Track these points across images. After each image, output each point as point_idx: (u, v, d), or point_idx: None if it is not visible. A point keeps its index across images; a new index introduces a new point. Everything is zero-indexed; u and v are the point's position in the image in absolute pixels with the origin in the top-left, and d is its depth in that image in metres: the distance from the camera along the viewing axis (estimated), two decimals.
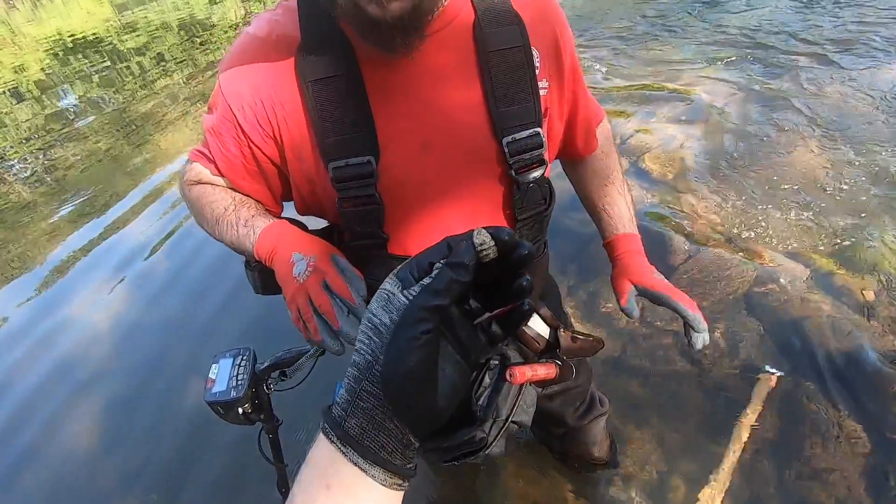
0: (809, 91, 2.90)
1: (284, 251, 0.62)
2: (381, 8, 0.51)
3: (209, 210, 0.71)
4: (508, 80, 0.64)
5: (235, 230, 0.68)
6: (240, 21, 8.07)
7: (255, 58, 0.63)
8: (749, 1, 4.30)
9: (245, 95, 0.63)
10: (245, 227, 0.67)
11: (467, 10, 0.62)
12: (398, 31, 0.53)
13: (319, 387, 1.71)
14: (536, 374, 0.89)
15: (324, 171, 0.64)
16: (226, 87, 0.64)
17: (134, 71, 6.90)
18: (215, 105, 0.67)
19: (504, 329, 0.37)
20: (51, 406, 2.08)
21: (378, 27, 0.53)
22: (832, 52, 3.26)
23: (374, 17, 0.52)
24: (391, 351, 0.31)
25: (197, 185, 0.74)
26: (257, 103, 0.62)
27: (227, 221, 0.69)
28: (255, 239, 0.65)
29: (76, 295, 2.71)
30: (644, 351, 1.67)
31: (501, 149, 0.65)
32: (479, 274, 0.32)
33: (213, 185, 0.73)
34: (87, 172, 4.21)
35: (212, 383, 0.83)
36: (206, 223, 0.73)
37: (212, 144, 0.69)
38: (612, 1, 5.03)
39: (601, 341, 0.97)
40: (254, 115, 0.63)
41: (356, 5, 0.51)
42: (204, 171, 0.73)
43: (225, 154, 0.68)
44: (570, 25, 0.72)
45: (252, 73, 0.62)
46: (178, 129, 4.56)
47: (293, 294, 0.60)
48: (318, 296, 0.58)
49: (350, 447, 0.33)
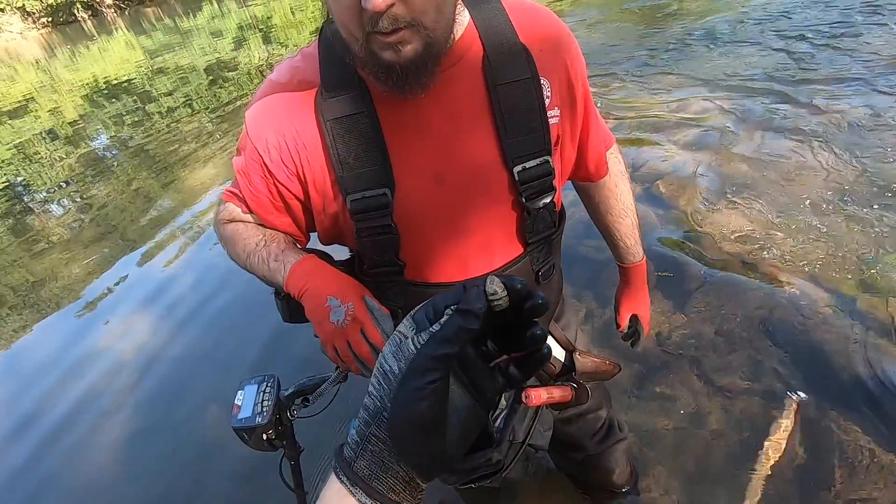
0: (821, 116, 2.90)
1: (316, 291, 0.68)
2: (396, 54, 0.55)
3: (241, 245, 0.77)
4: (517, 112, 0.67)
5: (267, 264, 0.74)
6: (262, 63, 8.44)
7: (279, 102, 0.68)
8: (757, 33, 4.36)
9: (270, 138, 0.68)
10: (276, 261, 0.73)
11: (476, 46, 0.66)
12: (412, 73, 0.58)
13: (338, 415, 1.74)
14: (552, 397, 0.90)
15: (343, 203, 0.68)
16: (252, 130, 0.69)
17: (162, 112, 7.24)
18: (243, 147, 0.72)
19: (522, 371, 0.36)
20: (74, 435, 2.14)
21: (393, 71, 0.57)
22: (844, 77, 3.27)
23: (389, 62, 0.56)
24: (398, 400, 0.32)
25: (230, 224, 0.81)
26: (282, 145, 0.67)
27: (259, 256, 0.74)
28: (286, 274, 0.71)
29: (105, 327, 2.81)
30: (663, 378, 1.65)
31: (512, 178, 0.69)
32: (494, 318, 0.32)
33: (245, 223, 0.79)
34: (116, 209, 4.39)
35: (238, 409, 0.86)
36: (238, 258, 0.79)
37: (242, 185, 0.74)
38: (624, 33, 5.16)
39: (617, 365, 0.98)
40: (279, 156, 0.68)
41: (371, 52, 0.56)
42: (236, 209, 0.79)
43: (254, 193, 0.73)
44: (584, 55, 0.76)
45: (276, 117, 0.68)
46: (202, 166, 4.74)
47: (331, 337, 0.68)
48: (359, 345, 0.67)
49: (359, 488, 0.34)
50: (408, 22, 0.53)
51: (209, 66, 9.46)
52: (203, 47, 11.86)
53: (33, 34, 34.42)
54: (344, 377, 0.88)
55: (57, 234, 4.23)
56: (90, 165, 5.75)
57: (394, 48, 0.55)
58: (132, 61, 12.70)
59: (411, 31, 0.54)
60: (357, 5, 0.52)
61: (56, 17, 35.37)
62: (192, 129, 5.98)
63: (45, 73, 14.68)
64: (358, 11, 0.52)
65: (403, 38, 0.54)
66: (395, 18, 0.52)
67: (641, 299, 1.07)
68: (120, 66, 12.49)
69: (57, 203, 5.03)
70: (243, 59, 9.25)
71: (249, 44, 10.80)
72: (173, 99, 7.78)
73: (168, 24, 20.16)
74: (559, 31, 0.71)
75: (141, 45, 15.88)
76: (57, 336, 2.87)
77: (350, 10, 0.53)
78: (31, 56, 21.27)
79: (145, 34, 18.62)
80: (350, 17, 0.54)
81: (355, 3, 0.52)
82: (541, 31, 0.69)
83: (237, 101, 6.65)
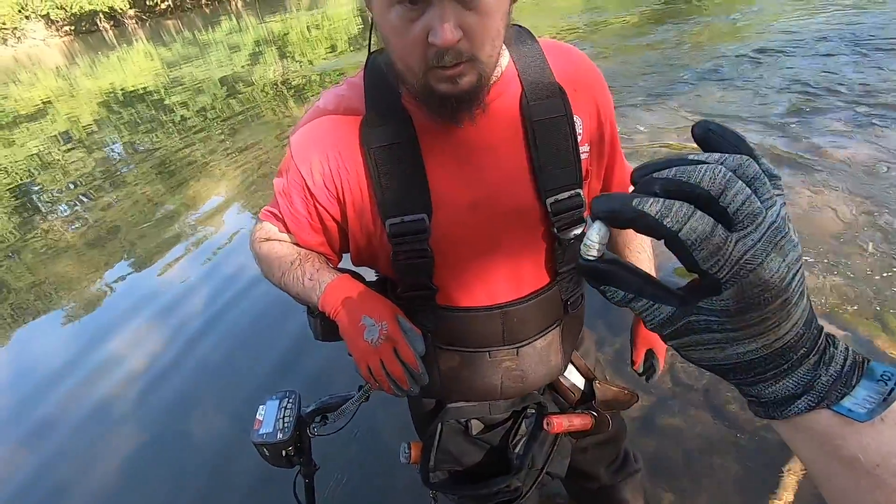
0: (833, 153, 2.93)
1: (351, 310, 0.70)
2: (453, 86, 0.58)
3: (277, 264, 0.78)
4: (551, 148, 0.70)
5: (301, 283, 0.75)
6: (277, 78, 8.60)
7: (325, 128, 0.70)
8: (766, 68, 4.43)
9: (314, 162, 0.70)
10: (310, 280, 0.74)
11: (515, 85, 0.70)
12: (465, 103, 0.61)
13: (353, 435, 1.74)
14: (573, 425, 0.91)
15: (381, 227, 0.70)
16: (297, 154, 0.71)
17: (176, 121, 7.37)
18: (286, 169, 0.74)
19: None
20: (84, 444, 2.13)
21: (447, 102, 0.60)
22: (858, 115, 3.31)
23: (445, 93, 0.59)
24: None
25: (266, 242, 0.82)
26: (325, 169, 0.70)
27: (294, 275, 0.76)
28: (321, 293, 0.72)
29: (118, 337, 2.81)
30: (676, 409, 1.64)
31: (545, 209, 0.71)
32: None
33: (281, 242, 0.81)
34: (128, 217, 4.43)
35: (259, 424, 0.87)
36: (273, 276, 0.80)
37: (282, 205, 0.76)
38: (641, 64, 5.24)
39: (636, 395, 0.98)
40: (322, 180, 0.70)
41: (428, 85, 0.59)
42: (272, 228, 0.81)
43: (293, 213, 0.75)
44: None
45: (321, 142, 0.70)
46: (220, 179, 4.80)
47: (365, 356, 0.69)
48: (392, 364, 0.69)
49: None
50: (468, 56, 0.56)
51: (225, 78, 9.65)
52: (220, 60, 12.10)
53: (56, 41, 35.24)
54: (366, 397, 0.89)
55: (71, 241, 4.27)
56: (103, 172, 5.83)
57: (452, 81, 0.58)
58: (150, 71, 12.97)
59: (469, 65, 0.57)
60: (423, 41, 0.54)
61: (79, 25, 36.24)
62: (203, 138, 6.07)
63: (64, 80, 15.00)
64: (423, 46, 0.55)
65: (462, 72, 0.57)
66: (459, 53, 0.55)
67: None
68: (138, 75, 12.75)
69: (69, 208, 5.08)
70: (258, 73, 9.43)
71: (265, 58, 11.02)
72: (187, 109, 7.92)
73: (187, 36, 20.62)
74: (592, 74, 0.75)
75: (160, 55, 16.23)
76: (72, 344, 2.87)
77: (415, 45, 0.55)
78: (53, 63, 21.76)
79: (164, 45, 19.04)
80: (413, 52, 0.56)
81: (421, 38, 0.54)
82: (575, 73, 0.73)
83: (249, 113, 6.76)
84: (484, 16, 0.55)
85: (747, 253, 0.26)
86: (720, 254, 0.26)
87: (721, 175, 0.26)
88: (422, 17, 0.54)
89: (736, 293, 0.27)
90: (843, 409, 0.28)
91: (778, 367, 0.29)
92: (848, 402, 0.28)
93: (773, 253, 0.26)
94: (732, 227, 0.26)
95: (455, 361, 0.82)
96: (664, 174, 0.28)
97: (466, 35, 0.55)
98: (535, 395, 0.90)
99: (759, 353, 0.29)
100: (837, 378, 0.29)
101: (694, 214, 0.26)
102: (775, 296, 0.27)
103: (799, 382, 0.29)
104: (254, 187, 4.38)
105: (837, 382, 0.29)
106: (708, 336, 0.29)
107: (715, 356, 0.30)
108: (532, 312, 0.78)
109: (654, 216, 0.26)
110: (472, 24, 0.55)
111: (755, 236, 0.26)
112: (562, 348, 0.85)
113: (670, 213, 0.26)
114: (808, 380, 0.29)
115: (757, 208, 0.26)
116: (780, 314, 0.28)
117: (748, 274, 0.26)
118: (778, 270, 0.27)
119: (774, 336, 0.28)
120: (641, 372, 1.11)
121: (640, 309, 0.31)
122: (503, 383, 0.83)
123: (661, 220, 0.26)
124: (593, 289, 0.32)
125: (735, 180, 0.26)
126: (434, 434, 0.91)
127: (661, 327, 0.31)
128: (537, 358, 0.82)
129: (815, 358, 0.29)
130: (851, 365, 0.29)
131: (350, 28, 12.27)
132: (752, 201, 0.26)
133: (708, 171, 0.26)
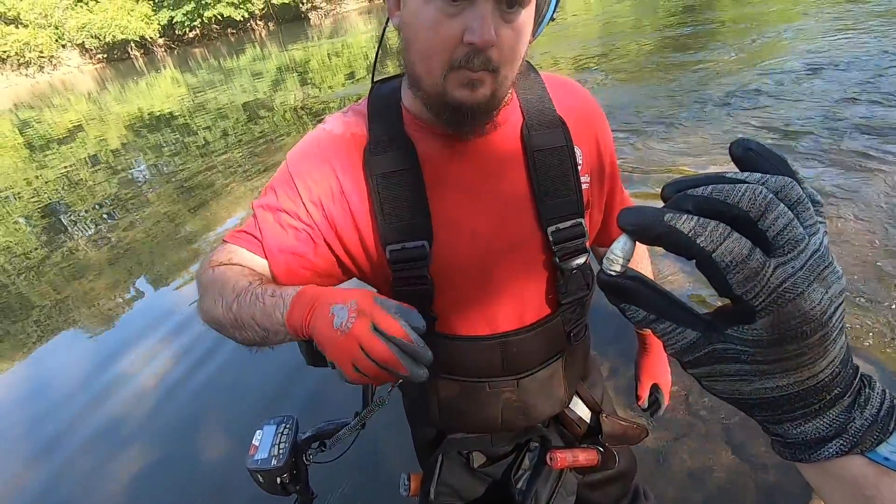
0: (845, 180, 2.87)
1: (320, 309, 0.54)
2: (472, 92, 0.59)
3: (230, 286, 0.64)
4: (552, 177, 0.70)
5: (261, 301, 0.60)
6: (298, 104, 8.83)
7: (329, 149, 0.70)
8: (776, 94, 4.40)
9: (315, 177, 0.68)
10: (272, 297, 0.59)
11: (517, 115, 0.71)
12: (477, 115, 0.61)
13: (354, 463, 1.70)
14: (577, 460, 0.87)
15: (382, 253, 0.69)
16: (295, 168, 0.69)
17: (199, 144, 7.58)
18: (278, 184, 0.70)
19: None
20: (90, 462, 2.13)
21: (460, 111, 0.61)
22: (871, 138, 3.25)
23: (460, 100, 0.59)
24: None
25: (221, 267, 0.69)
26: (325, 187, 0.68)
27: (252, 294, 0.61)
28: (287, 308, 0.57)
29: (130, 355, 2.84)
30: (691, 444, 1.57)
31: (546, 238, 0.70)
32: None
33: (241, 268, 0.68)
34: (149, 236, 4.53)
35: (255, 450, 0.85)
36: (220, 304, 0.64)
37: (264, 222, 0.69)
38: (657, 90, 5.26)
39: (645, 429, 0.94)
40: (319, 195, 0.68)
41: (444, 90, 0.59)
42: (237, 251, 0.70)
43: (279, 230, 0.68)
44: (608, 116, 0.80)
45: (325, 159, 0.69)
46: (236, 200, 4.90)
47: (340, 350, 0.51)
48: (371, 343, 0.50)
49: None
50: (494, 67, 0.57)
51: (247, 103, 9.94)
52: (243, 86, 12.49)
53: (89, 68, 36.90)
54: (363, 425, 0.86)
55: (94, 259, 4.37)
56: (127, 192, 6.00)
57: (472, 86, 0.58)
58: (176, 96, 13.43)
59: (491, 76, 0.58)
60: (455, 39, 0.55)
61: (111, 53, 37.96)
62: (224, 160, 6.22)
63: (95, 104, 15.62)
64: (453, 45, 0.56)
65: (483, 79, 0.58)
66: (487, 60, 0.57)
67: (661, 367, 1.05)
68: (164, 100, 13.22)
69: (92, 225, 5.22)
70: (279, 98, 9.69)
71: (286, 85, 11.34)
72: (210, 133, 8.15)
73: (213, 63, 21.41)
74: (591, 106, 0.77)
75: (186, 81, 16.84)
76: (87, 361, 2.91)
77: (446, 42, 0.56)
78: (85, 88, 22.73)
79: (191, 72, 19.77)
80: (441, 50, 0.57)
81: (454, 36, 0.55)
82: (575, 105, 0.74)
83: (270, 137, 6.92)
84: (517, 32, 0.57)
85: (787, 281, 0.24)
86: (757, 279, 0.24)
87: (762, 196, 0.24)
88: (460, 14, 0.55)
89: (771, 323, 0.25)
90: (879, 458, 0.26)
91: (808, 406, 0.27)
92: (884, 450, 0.26)
93: (815, 283, 0.24)
94: (772, 253, 0.24)
95: (454, 391, 0.80)
96: (699, 191, 0.26)
97: (497, 45, 0.56)
98: (538, 428, 0.87)
99: (790, 390, 0.27)
100: (874, 422, 0.26)
101: (730, 235, 0.24)
102: (814, 329, 0.25)
103: (831, 425, 0.27)
104: None
105: (874, 427, 0.26)
106: (735, 367, 0.27)
107: (740, 389, 0.28)
108: (533, 343, 0.76)
109: (686, 233, 0.25)
110: (506, 36, 0.57)
111: (796, 263, 0.24)
112: (565, 380, 0.83)
113: (705, 231, 0.24)
114: (840, 422, 0.27)
115: (800, 234, 0.24)
116: (818, 350, 0.25)
117: (787, 304, 0.24)
118: (820, 302, 0.24)
119: (809, 373, 0.26)
120: (646, 407, 1.07)
121: (661, 332, 0.29)
122: (504, 415, 0.80)
123: (694, 239, 0.24)
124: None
125: (777, 203, 0.24)
126: (434, 465, 0.89)
127: (683, 353, 0.29)
128: (539, 390, 0.79)
129: (849, 399, 0.27)
130: (889, 409, 0.27)
131: (369, 55, 12.59)
132: (795, 226, 0.24)
133: (748, 191, 0.25)
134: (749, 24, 6.96)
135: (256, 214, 0.71)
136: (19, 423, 2.50)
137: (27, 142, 11.18)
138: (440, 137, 0.69)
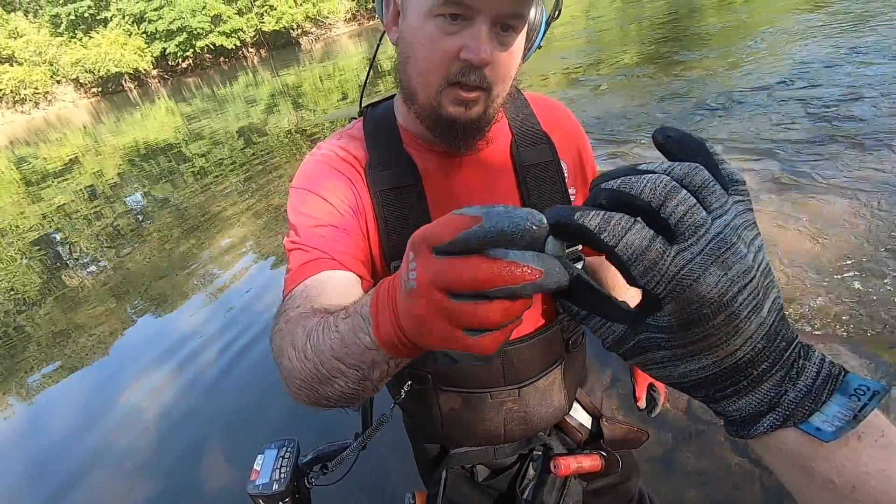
0: (847, 177, 2.89)
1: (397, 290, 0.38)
2: (465, 110, 0.62)
3: (300, 332, 0.50)
4: (543, 190, 0.73)
5: (335, 329, 0.43)
6: (291, 128, 8.91)
7: (331, 171, 0.70)
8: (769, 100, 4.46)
9: (329, 186, 0.68)
10: (344, 318, 0.43)
11: (505, 133, 0.75)
12: (470, 131, 0.64)
13: (355, 483, 1.68)
14: (581, 466, 0.87)
15: (386, 268, 0.70)
16: (307, 185, 0.68)
17: (195, 171, 7.62)
18: (296, 209, 0.67)
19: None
20: (86, 490, 2.11)
21: (453, 127, 0.63)
22: (875, 136, 3.29)
23: (454, 117, 0.62)
24: None
25: (288, 315, 0.56)
26: (344, 192, 0.68)
27: (325, 323, 0.46)
28: (368, 318, 0.38)
29: (132, 384, 2.83)
30: (694, 447, 1.56)
31: None
32: None
33: (311, 305, 0.55)
34: (146, 265, 4.53)
35: (256, 475, 0.84)
36: (294, 355, 0.48)
37: (307, 239, 0.64)
38: (643, 98, 5.33)
39: (646, 432, 0.94)
40: (340, 197, 0.67)
41: (438, 105, 0.62)
42: (300, 287, 0.59)
43: (321, 228, 0.64)
44: (597, 126, 0.83)
45: (337, 175, 0.69)
46: (231, 226, 4.91)
47: (426, 318, 0.30)
48: (454, 270, 0.28)
49: None
50: (487, 86, 0.60)
51: (241, 129, 10.03)
52: (237, 113, 12.62)
53: (84, 102, 37.29)
54: (364, 446, 0.86)
55: (86, 287, 4.37)
56: (124, 223, 6.02)
57: (465, 105, 0.61)
58: (171, 125, 13.56)
59: (484, 95, 0.61)
60: (452, 55, 0.58)
61: (105, 87, 38.38)
62: (220, 188, 6.26)
63: (90, 137, 15.74)
64: (450, 61, 0.58)
65: (477, 99, 0.61)
66: (482, 77, 0.59)
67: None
68: (159, 130, 13.34)
69: (89, 256, 5.22)
70: (273, 122, 9.78)
71: (280, 109, 11.46)
72: (206, 160, 8.21)
73: (206, 92, 21.65)
74: (572, 122, 0.82)
75: (180, 110, 17.01)
76: (85, 391, 2.89)
77: (445, 56, 0.58)
78: (80, 122, 22.94)
79: (185, 101, 19.98)
80: (438, 65, 0.59)
81: (452, 53, 0.58)
82: (558, 121, 0.79)
83: (264, 160, 6.97)
84: (510, 54, 0.61)
85: (685, 268, 0.25)
86: (656, 269, 0.25)
87: (662, 185, 0.25)
88: (458, 33, 0.57)
89: (675, 309, 0.26)
90: (810, 428, 0.26)
91: (737, 383, 0.27)
92: (816, 420, 0.26)
93: (712, 267, 0.25)
94: (675, 240, 0.25)
95: (456, 403, 0.80)
96: (610, 185, 0.27)
97: (491, 64, 0.59)
98: (541, 437, 0.87)
99: (713, 370, 0.27)
100: (807, 393, 0.26)
101: (632, 228, 0.25)
102: (716, 312, 0.25)
103: (762, 399, 0.27)
104: (267, 230, 4.47)
105: (806, 398, 0.26)
106: (659, 354, 0.28)
107: (671, 373, 0.29)
108: (532, 352, 0.77)
109: (592, 230, 0.26)
110: (500, 57, 0.59)
111: (695, 249, 0.25)
112: (565, 387, 0.83)
113: (608, 226, 0.25)
114: (772, 396, 0.27)
115: (700, 219, 0.25)
116: (726, 330, 0.26)
117: (685, 290, 0.25)
118: (717, 285, 0.25)
119: (724, 352, 0.26)
120: (643, 407, 1.09)
121: (593, 327, 0.30)
122: (506, 425, 0.80)
123: (599, 235, 0.26)
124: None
125: (678, 190, 0.25)
126: (439, 482, 0.88)
127: (616, 346, 0.30)
128: (540, 398, 0.80)
129: (780, 373, 0.27)
130: (825, 378, 0.27)
131: (361, 76, 12.76)
132: (695, 212, 0.25)
133: (649, 182, 0.25)
134: (737, 29, 7.08)
135: (295, 241, 0.64)
136: (17, 460, 2.47)
137: (24, 177, 11.24)
138: (437, 154, 0.71)
